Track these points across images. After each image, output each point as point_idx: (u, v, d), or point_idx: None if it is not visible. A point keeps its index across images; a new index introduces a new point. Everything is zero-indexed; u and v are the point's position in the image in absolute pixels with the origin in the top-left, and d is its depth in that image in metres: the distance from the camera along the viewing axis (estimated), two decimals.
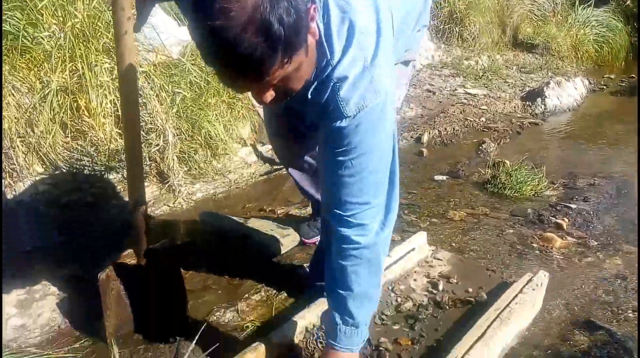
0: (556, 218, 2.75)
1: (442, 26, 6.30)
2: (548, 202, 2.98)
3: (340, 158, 1.25)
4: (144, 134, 2.82)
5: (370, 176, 1.27)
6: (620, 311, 1.99)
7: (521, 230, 2.63)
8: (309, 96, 1.23)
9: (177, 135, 2.93)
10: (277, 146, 2.18)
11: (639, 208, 1.81)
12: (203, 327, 1.71)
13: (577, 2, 7.47)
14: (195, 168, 3.09)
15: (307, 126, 1.67)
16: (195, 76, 3.07)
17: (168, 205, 2.87)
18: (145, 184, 2.85)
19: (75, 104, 2.70)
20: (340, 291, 1.34)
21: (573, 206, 2.92)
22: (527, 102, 5.10)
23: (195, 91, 3.10)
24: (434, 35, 6.20)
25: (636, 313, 1.98)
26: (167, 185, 2.91)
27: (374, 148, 1.25)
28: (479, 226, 2.67)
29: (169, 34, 3.33)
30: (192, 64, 3.08)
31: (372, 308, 1.42)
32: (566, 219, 2.73)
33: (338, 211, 1.30)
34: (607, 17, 7.48)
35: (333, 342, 1.38)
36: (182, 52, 3.31)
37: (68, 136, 2.68)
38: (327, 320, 1.42)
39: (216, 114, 3.16)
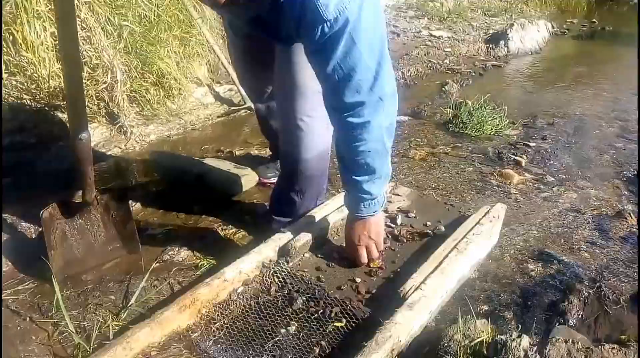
0: (515, 156, 2.76)
1: None
2: (508, 141, 3.00)
3: (329, 66, 1.26)
4: (89, 70, 2.64)
5: (363, 73, 1.27)
6: (573, 243, 2.03)
7: (481, 168, 2.64)
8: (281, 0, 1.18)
9: (127, 72, 2.76)
10: (242, 74, 2.12)
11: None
12: (154, 264, 1.65)
13: None
14: (148, 109, 2.94)
15: (281, 40, 1.51)
16: (144, 8, 2.86)
17: (119, 147, 2.74)
18: (94, 125, 2.74)
19: (11, 37, 2.49)
20: (356, 178, 1.48)
21: (532, 144, 2.95)
22: (491, 45, 5.07)
23: (145, 25, 2.90)
24: None
25: (588, 244, 2.03)
26: (117, 126, 2.76)
27: (361, 46, 1.24)
28: (439, 165, 2.65)
29: None
30: None
31: (385, 182, 1.57)
32: (525, 157, 2.76)
33: (339, 115, 1.36)
34: None
35: (357, 214, 1.58)
36: None
37: (6, 72, 2.48)
38: (349, 197, 1.59)
39: (168, 51, 2.98)
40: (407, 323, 1.37)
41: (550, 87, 4.08)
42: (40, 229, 1.74)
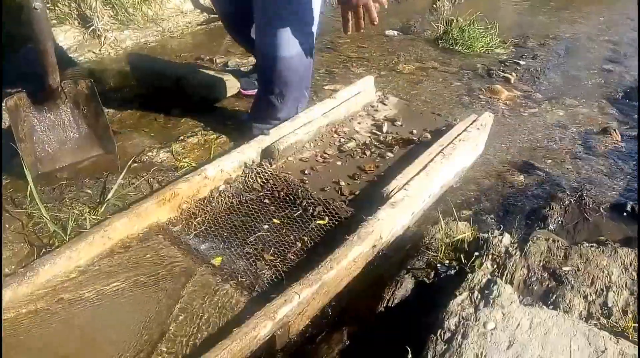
0: (504, 73, 2.70)
1: None
2: (498, 59, 2.92)
3: None
4: None
5: None
6: (558, 156, 2.03)
7: (469, 83, 2.58)
8: None
9: None
10: None
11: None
12: (132, 164, 1.60)
13: None
14: (123, 13, 2.75)
15: None
16: None
17: (93, 52, 2.59)
18: (66, 27, 2.58)
19: None
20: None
21: (522, 63, 2.88)
22: None
23: None
24: None
25: (572, 157, 2.03)
26: (90, 29, 2.59)
27: None
28: (427, 79, 2.58)
29: None
30: None
31: None
32: (514, 74, 2.70)
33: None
34: None
35: None
36: None
37: None
38: None
39: None
40: (389, 221, 1.36)
41: (544, 8, 3.96)
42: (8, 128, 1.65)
